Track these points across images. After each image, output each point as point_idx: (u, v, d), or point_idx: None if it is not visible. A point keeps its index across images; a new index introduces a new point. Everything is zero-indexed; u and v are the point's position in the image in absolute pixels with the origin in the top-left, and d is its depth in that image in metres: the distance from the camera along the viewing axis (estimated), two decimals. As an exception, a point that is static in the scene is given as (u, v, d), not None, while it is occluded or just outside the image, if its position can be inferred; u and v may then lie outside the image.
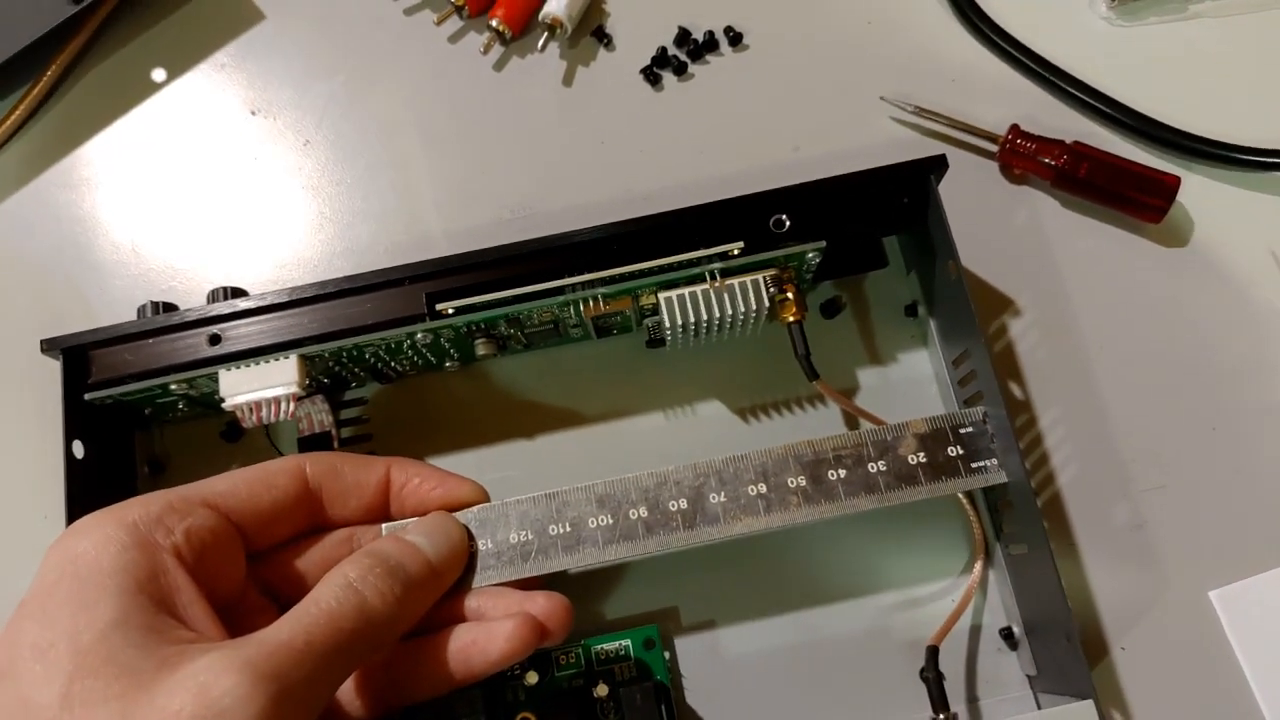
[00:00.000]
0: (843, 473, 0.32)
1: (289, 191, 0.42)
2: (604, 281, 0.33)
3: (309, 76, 0.43)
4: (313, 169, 0.42)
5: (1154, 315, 0.38)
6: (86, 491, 0.33)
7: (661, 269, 0.33)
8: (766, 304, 0.34)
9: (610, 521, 0.31)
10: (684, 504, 0.32)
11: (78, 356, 0.34)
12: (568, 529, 0.31)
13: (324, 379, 0.37)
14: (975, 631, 0.35)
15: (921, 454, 0.32)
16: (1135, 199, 0.38)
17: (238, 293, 0.36)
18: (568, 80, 0.43)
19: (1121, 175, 0.38)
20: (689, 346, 0.37)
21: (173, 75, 0.44)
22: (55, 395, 0.38)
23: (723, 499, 0.31)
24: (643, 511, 0.31)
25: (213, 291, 0.36)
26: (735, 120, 0.42)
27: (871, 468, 0.32)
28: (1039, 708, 0.34)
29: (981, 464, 0.32)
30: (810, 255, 0.34)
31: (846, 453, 0.32)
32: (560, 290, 0.34)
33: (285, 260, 0.41)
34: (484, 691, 0.32)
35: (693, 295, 0.34)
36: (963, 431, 0.32)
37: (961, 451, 0.32)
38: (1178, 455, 0.37)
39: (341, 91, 0.43)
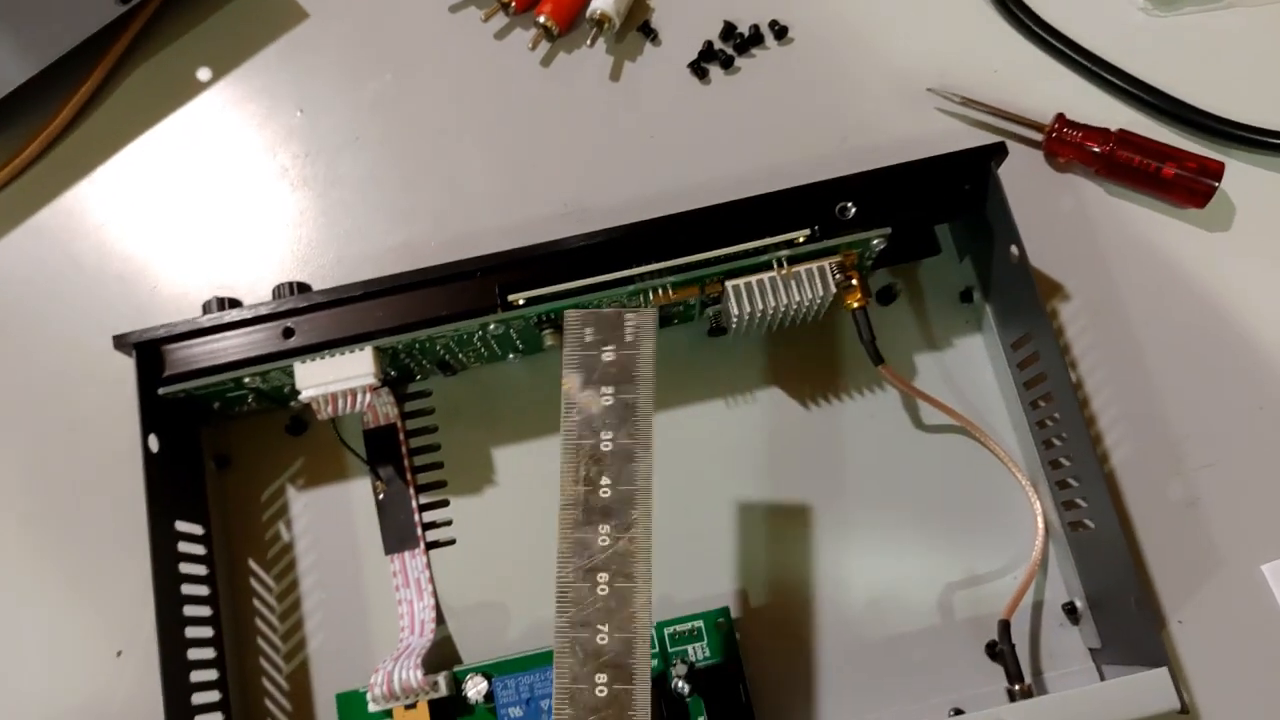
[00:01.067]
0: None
1: (340, 188, 0.42)
2: (672, 270, 0.34)
3: (356, 74, 0.44)
4: (363, 166, 0.43)
5: (1200, 298, 0.39)
6: (161, 487, 0.34)
7: (730, 257, 0.34)
8: (833, 290, 0.34)
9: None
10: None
11: (150, 352, 0.34)
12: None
13: (390, 372, 0.37)
14: (1037, 608, 0.36)
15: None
16: (1181, 184, 0.39)
17: (302, 287, 0.36)
18: (615, 75, 0.43)
19: (1166, 161, 0.39)
20: (750, 335, 0.37)
21: (218, 74, 0.44)
22: (114, 393, 0.38)
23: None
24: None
25: (278, 287, 0.36)
26: (782, 113, 0.42)
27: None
28: (1102, 680, 0.35)
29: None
30: (875, 242, 0.34)
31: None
32: (629, 280, 0.34)
33: (340, 256, 0.41)
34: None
35: (760, 283, 0.34)
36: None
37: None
38: (1227, 434, 0.38)
39: (389, 88, 0.43)
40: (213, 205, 0.42)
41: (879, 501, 0.37)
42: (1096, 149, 0.39)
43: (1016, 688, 0.32)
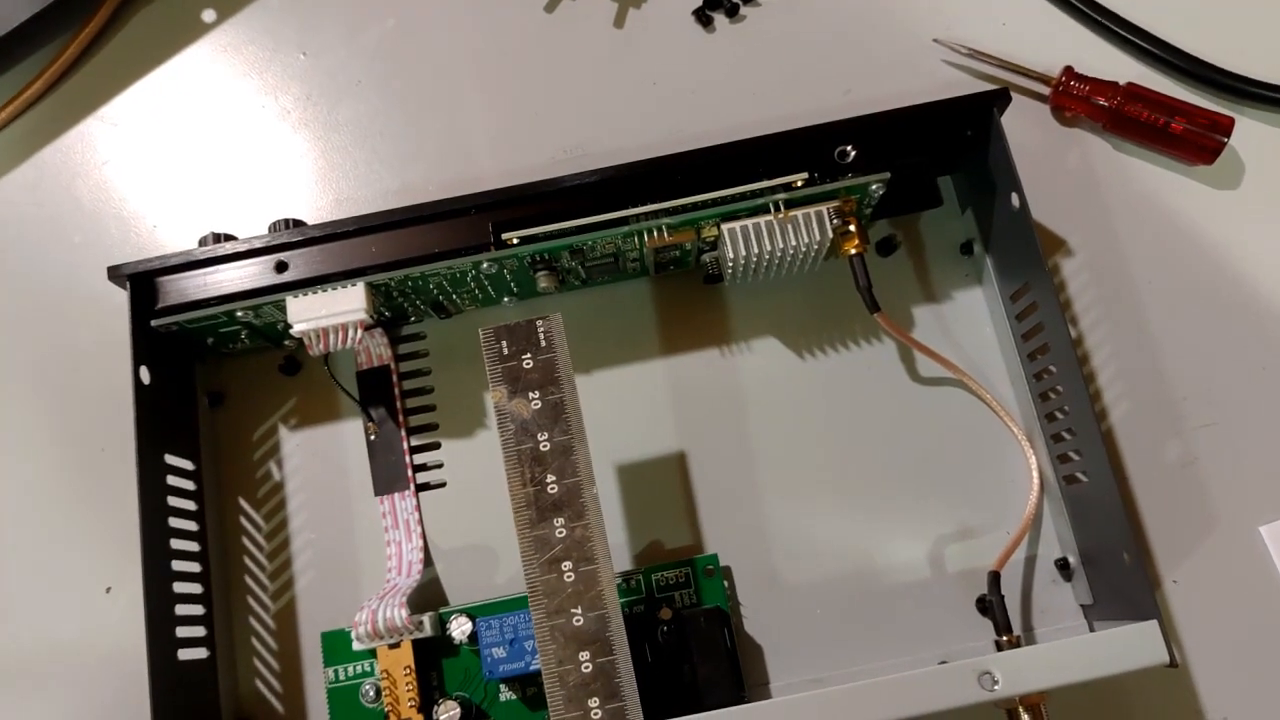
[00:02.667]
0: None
1: (341, 131, 0.42)
2: (668, 212, 0.34)
3: (359, 18, 0.43)
4: (365, 109, 0.42)
5: (1205, 256, 0.39)
6: (152, 420, 0.34)
7: (726, 199, 0.34)
8: (830, 235, 0.34)
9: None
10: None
11: (145, 283, 0.34)
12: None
13: (384, 312, 0.37)
14: (1030, 563, 0.36)
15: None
16: (1188, 139, 0.38)
17: (298, 224, 0.36)
18: (619, 22, 0.43)
19: (1175, 115, 0.38)
20: (746, 282, 0.37)
21: (223, 16, 0.44)
22: (111, 328, 0.38)
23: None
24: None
25: (274, 223, 0.36)
26: (787, 62, 0.42)
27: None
28: (1094, 636, 0.34)
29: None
30: (874, 187, 0.34)
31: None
32: (625, 221, 0.34)
33: (338, 198, 0.41)
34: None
35: (755, 226, 0.34)
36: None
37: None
38: (1228, 393, 0.37)
39: (393, 32, 0.43)
40: (214, 146, 0.42)
41: (873, 453, 0.37)
42: (1104, 102, 0.38)
43: (1004, 639, 0.32)
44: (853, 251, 0.35)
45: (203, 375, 0.38)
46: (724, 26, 0.43)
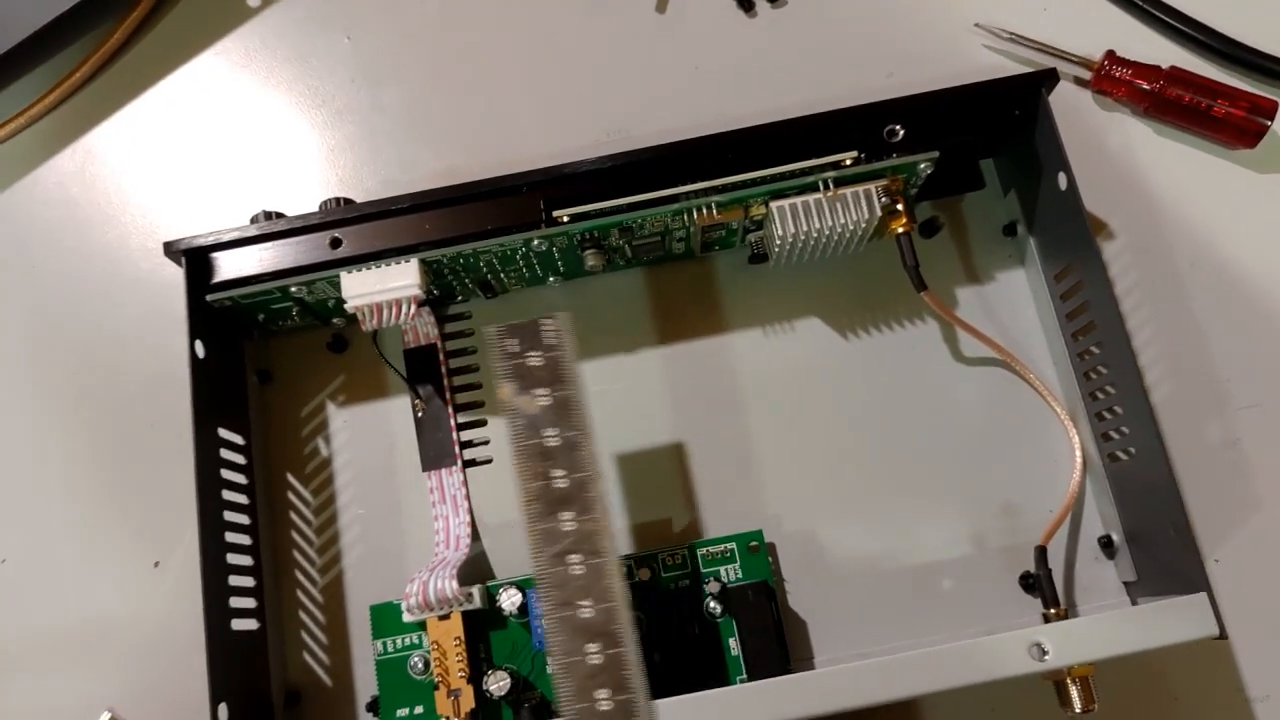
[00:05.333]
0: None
1: (385, 114, 0.42)
2: (718, 190, 0.34)
3: (402, 2, 0.44)
4: (408, 93, 0.43)
5: (1247, 239, 0.39)
6: (206, 394, 0.34)
7: (775, 177, 0.34)
8: (878, 213, 0.34)
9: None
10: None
11: (199, 259, 0.35)
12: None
13: (433, 290, 0.37)
14: (1072, 541, 0.36)
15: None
16: (1230, 123, 0.38)
17: (348, 203, 0.36)
18: (661, 6, 0.43)
19: (1218, 99, 0.38)
20: (792, 263, 0.37)
21: (267, 1, 0.44)
22: (158, 308, 0.39)
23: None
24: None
25: (325, 201, 0.36)
26: (828, 46, 0.42)
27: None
28: (1138, 614, 0.34)
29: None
30: (922, 166, 0.34)
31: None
32: (674, 199, 0.34)
33: (384, 180, 0.42)
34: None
35: (804, 205, 0.34)
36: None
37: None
38: (1271, 375, 0.37)
39: (436, 16, 0.44)
40: (260, 129, 0.43)
41: (916, 432, 0.37)
42: (1146, 86, 0.39)
43: (1052, 611, 0.32)
44: (900, 230, 0.35)
45: (251, 353, 0.38)
46: (765, 10, 0.43)
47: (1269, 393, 0.37)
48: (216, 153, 0.42)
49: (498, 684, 0.33)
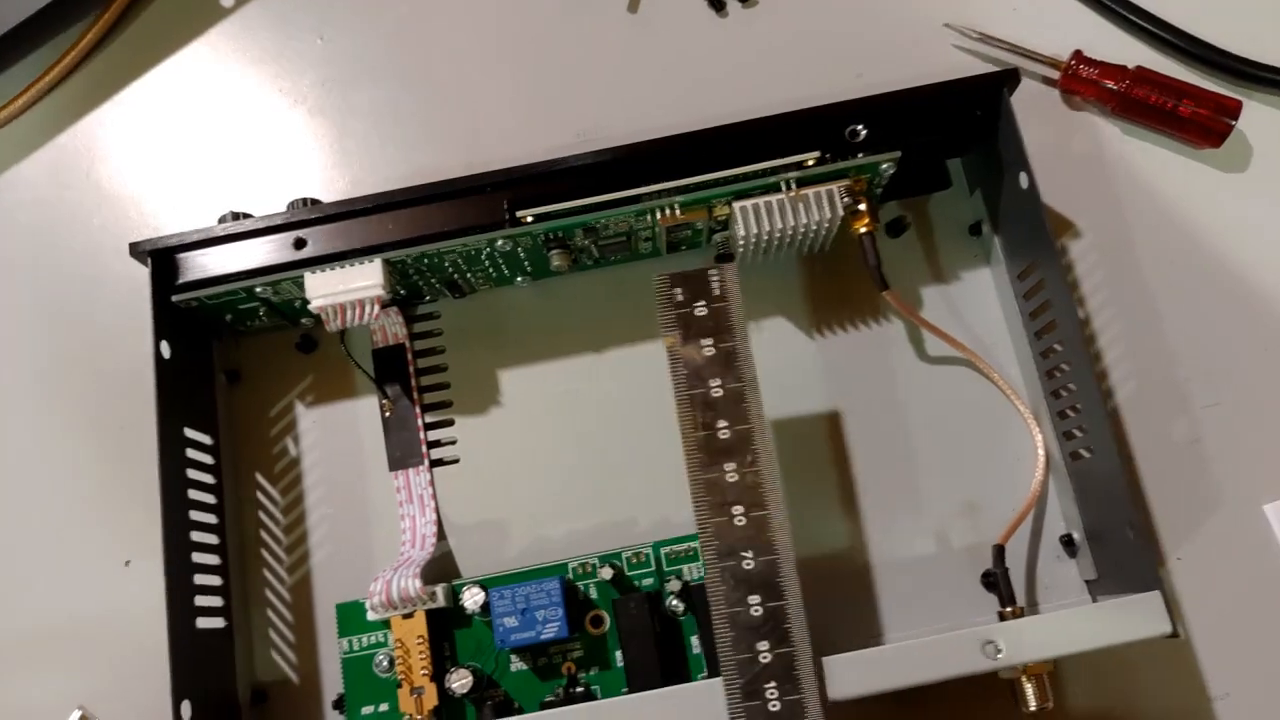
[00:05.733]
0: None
1: (357, 115, 0.43)
2: (681, 190, 0.34)
3: (376, 2, 0.44)
4: (380, 93, 0.43)
5: (1212, 238, 0.39)
6: (172, 394, 0.34)
7: (738, 178, 0.34)
8: (840, 213, 0.34)
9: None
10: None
11: (165, 260, 0.35)
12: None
13: (400, 290, 0.38)
14: (1035, 540, 0.36)
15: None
16: (1196, 122, 0.38)
17: (315, 203, 0.36)
18: (633, 7, 0.43)
19: (1184, 99, 0.38)
20: (757, 262, 0.37)
21: (240, 1, 0.45)
22: (129, 309, 0.39)
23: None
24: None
25: (292, 202, 0.36)
26: (798, 46, 0.42)
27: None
28: (1098, 612, 0.35)
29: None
30: (884, 166, 0.34)
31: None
32: (637, 199, 0.34)
33: (354, 181, 0.42)
34: (562, 584, 0.33)
35: (767, 205, 0.34)
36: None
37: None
38: (1233, 374, 0.38)
39: (408, 17, 0.44)
40: (232, 130, 0.43)
41: (880, 431, 0.37)
42: (1113, 86, 0.39)
43: (1009, 609, 0.33)
44: (863, 230, 0.35)
45: (220, 353, 0.39)
46: (736, 11, 0.43)
47: (1232, 391, 0.37)
48: (189, 153, 0.43)
49: (460, 682, 0.33)
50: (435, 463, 0.38)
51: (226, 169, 0.42)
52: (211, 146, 0.43)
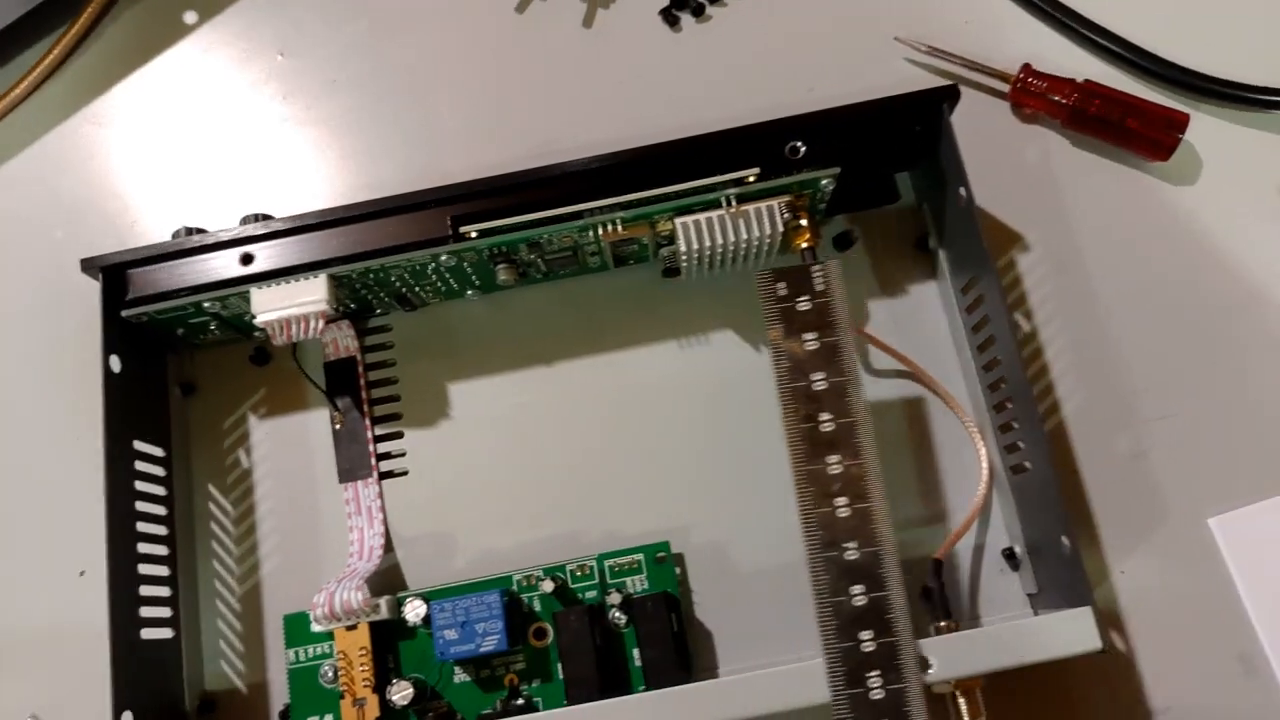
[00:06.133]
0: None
1: (315, 129, 0.43)
2: (622, 206, 0.34)
3: (336, 18, 0.45)
4: (339, 108, 0.43)
5: (1161, 251, 0.39)
6: (121, 407, 0.35)
7: (679, 194, 0.34)
8: (780, 229, 0.34)
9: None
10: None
11: (116, 275, 0.35)
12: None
13: (351, 304, 0.38)
14: (978, 553, 0.36)
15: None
16: (1145, 136, 0.38)
17: (267, 218, 0.37)
18: (588, 21, 0.44)
19: (1132, 112, 0.38)
20: (704, 276, 0.37)
21: (204, 18, 0.45)
22: (90, 322, 0.39)
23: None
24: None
25: (245, 217, 0.37)
26: (752, 60, 0.42)
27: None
28: (1040, 626, 0.35)
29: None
30: (824, 182, 0.35)
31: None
32: (580, 215, 0.34)
33: (314, 195, 0.42)
34: (503, 597, 0.34)
35: (708, 220, 0.35)
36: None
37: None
38: (1181, 387, 0.38)
39: (367, 33, 0.44)
40: (195, 144, 0.43)
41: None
42: (1061, 99, 0.39)
43: (943, 624, 0.33)
44: (804, 245, 0.35)
45: (176, 366, 0.39)
46: (690, 26, 0.43)
47: (1179, 405, 0.37)
48: (151, 166, 0.43)
49: (400, 693, 0.34)
50: (385, 475, 0.38)
51: (189, 181, 0.43)
52: (174, 161, 0.43)
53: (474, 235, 0.35)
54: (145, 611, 0.34)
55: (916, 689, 0.30)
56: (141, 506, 0.35)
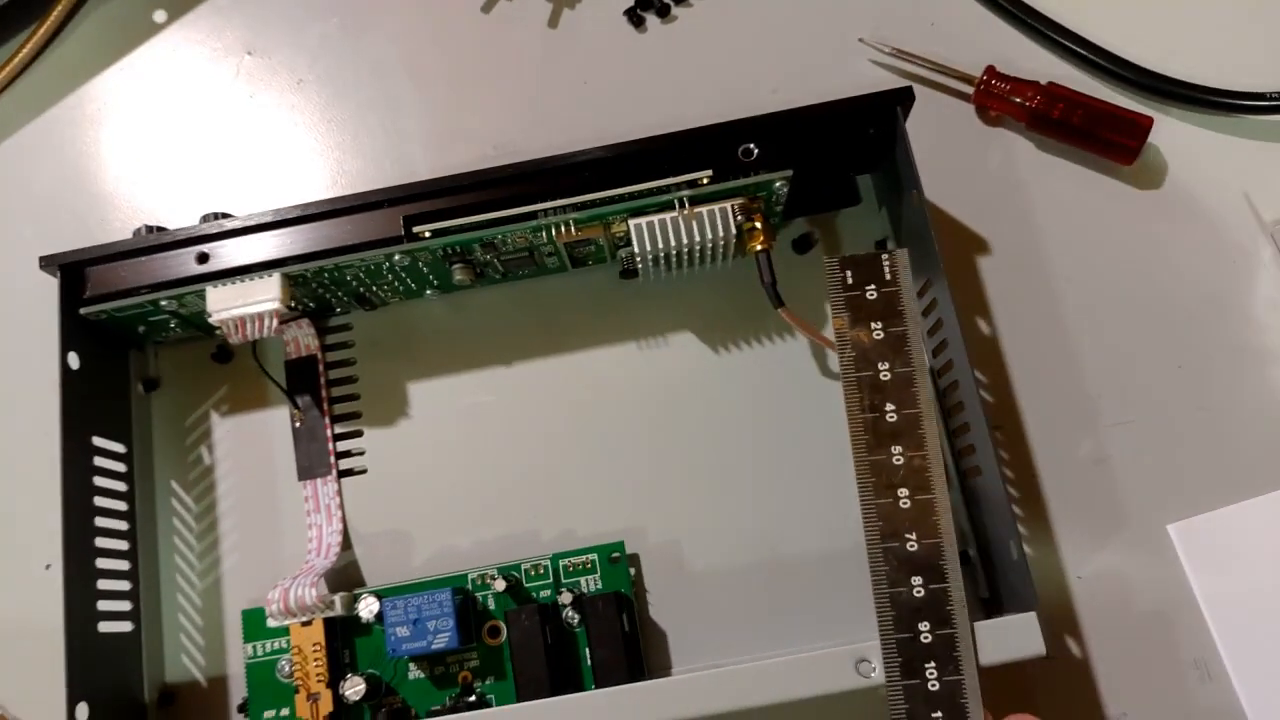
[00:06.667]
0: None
1: (283, 128, 0.43)
2: (575, 207, 0.34)
3: (304, 18, 0.45)
4: (306, 107, 0.44)
5: (1125, 255, 0.39)
6: (81, 403, 0.35)
7: (632, 195, 0.34)
8: (734, 232, 0.34)
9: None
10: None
11: (74, 273, 0.36)
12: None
13: (310, 303, 0.38)
14: (934, 557, 0.36)
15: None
16: (1108, 139, 0.38)
17: (226, 217, 0.37)
18: (553, 22, 0.44)
19: (1094, 116, 0.38)
20: (661, 278, 0.37)
21: (173, 16, 0.45)
22: (53, 317, 0.40)
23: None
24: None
25: (204, 215, 0.37)
26: (716, 61, 0.42)
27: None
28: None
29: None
30: (778, 185, 0.34)
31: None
32: (533, 215, 0.35)
33: (277, 193, 0.42)
34: (454, 596, 0.34)
35: (661, 223, 0.35)
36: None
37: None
38: (1143, 392, 0.37)
39: (335, 32, 0.44)
40: (164, 143, 0.44)
41: (783, 446, 0.37)
42: (1024, 101, 0.39)
43: (891, 628, 0.33)
44: (758, 248, 0.35)
45: (139, 362, 0.39)
46: (655, 26, 0.43)
47: (1139, 410, 0.37)
48: (120, 165, 0.43)
49: (353, 689, 0.34)
50: (344, 473, 0.38)
51: (156, 179, 0.43)
52: (143, 159, 0.44)
53: (427, 235, 0.35)
54: (104, 605, 0.35)
55: (973, 681, 0.30)
56: (101, 501, 0.36)
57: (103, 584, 0.35)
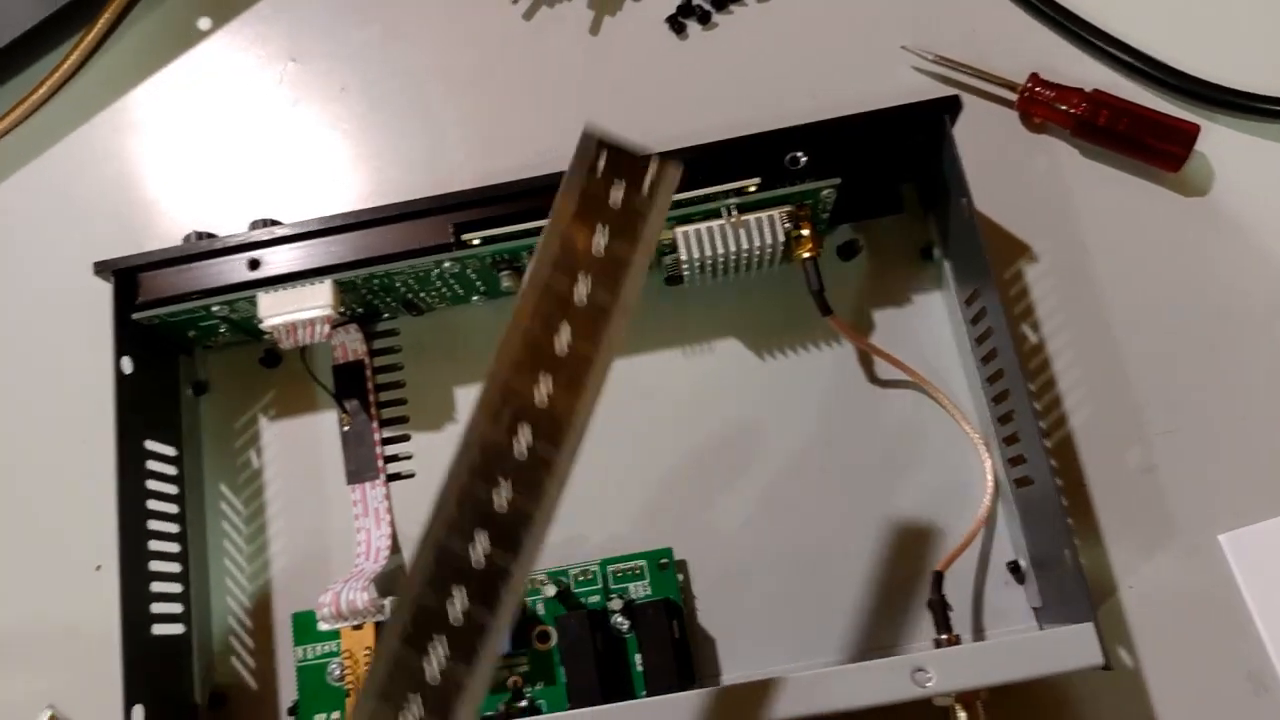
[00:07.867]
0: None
1: (325, 135, 0.44)
2: (625, 215, 0.35)
3: (346, 25, 0.45)
4: (348, 114, 0.44)
5: (1171, 263, 0.39)
6: (134, 406, 0.36)
7: (679, 203, 0.34)
8: (782, 239, 0.34)
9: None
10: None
11: (127, 278, 0.36)
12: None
13: (358, 309, 0.38)
14: (983, 565, 0.36)
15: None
16: (1154, 147, 0.38)
17: (275, 224, 0.37)
18: (594, 29, 0.44)
19: (1140, 123, 0.38)
20: (707, 284, 0.38)
21: (217, 24, 0.46)
22: (105, 322, 0.40)
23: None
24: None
25: (253, 222, 0.38)
26: (757, 68, 0.43)
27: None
28: (1042, 638, 0.34)
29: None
30: (825, 193, 0.35)
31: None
32: (583, 223, 0.35)
33: (322, 200, 0.43)
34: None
35: (709, 230, 0.35)
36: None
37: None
38: (1191, 401, 0.37)
39: (377, 39, 0.45)
40: (208, 149, 0.44)
41: (831, 453, 0.37)
42: (1069, 109, 0.39)
43: (944, 637, 0.33)
44: (806, 255, 0.35)
45: (188, 366, 0.40)
46: (696, 33, 0.43)
47: (1187, 418, 0.37)
48: (164, 171, 0.44)
49: (403, 694, 0.34)
50: (392, 477, 0.39)
51: (201, 186, 0.44)
52: (187, 165, 0.44)
53: (477, 242, 0.35)
54: (157, 608, 0.35)
55: (482, 688, 0.23)
56: (153, 505, 0.36)
57: (156, 586, 0.35)
